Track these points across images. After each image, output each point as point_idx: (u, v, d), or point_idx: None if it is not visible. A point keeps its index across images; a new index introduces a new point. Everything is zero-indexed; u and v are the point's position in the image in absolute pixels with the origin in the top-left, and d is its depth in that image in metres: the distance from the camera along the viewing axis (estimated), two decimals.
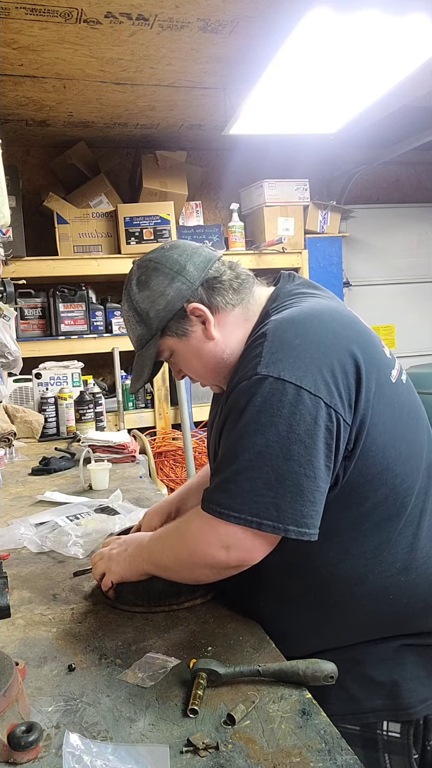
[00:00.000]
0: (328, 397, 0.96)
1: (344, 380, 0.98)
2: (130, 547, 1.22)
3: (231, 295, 1.15)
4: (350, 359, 1.00)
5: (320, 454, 0.96)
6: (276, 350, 0.99)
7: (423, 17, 2.12)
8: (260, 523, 0.96)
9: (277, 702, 0.89)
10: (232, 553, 1.00)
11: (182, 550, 1.09)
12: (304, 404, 0.95)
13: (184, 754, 0.80)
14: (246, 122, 3.10)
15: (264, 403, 0.96)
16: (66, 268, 3.92)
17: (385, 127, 4.05)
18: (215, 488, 1.01)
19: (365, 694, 1.07)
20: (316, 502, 0.96)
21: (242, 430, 0.98)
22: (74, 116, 3.74)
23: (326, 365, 0.98)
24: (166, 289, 1.13)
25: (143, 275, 1.16)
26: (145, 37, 2.76)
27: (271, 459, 0.95)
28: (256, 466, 0.96)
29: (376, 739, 1.07)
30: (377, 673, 1.07)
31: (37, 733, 0.79)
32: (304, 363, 0.97)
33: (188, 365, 1.22)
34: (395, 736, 1.07)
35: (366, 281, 4.96)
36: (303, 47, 2.31)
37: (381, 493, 1.03)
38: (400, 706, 1.06)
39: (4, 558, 1.52)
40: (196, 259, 1.15)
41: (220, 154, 4.64)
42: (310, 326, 1.03)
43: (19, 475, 2.50)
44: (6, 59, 2.92)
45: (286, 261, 4.35)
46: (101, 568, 1.24)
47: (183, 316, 1.14)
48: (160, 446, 4.12)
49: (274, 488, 0.95)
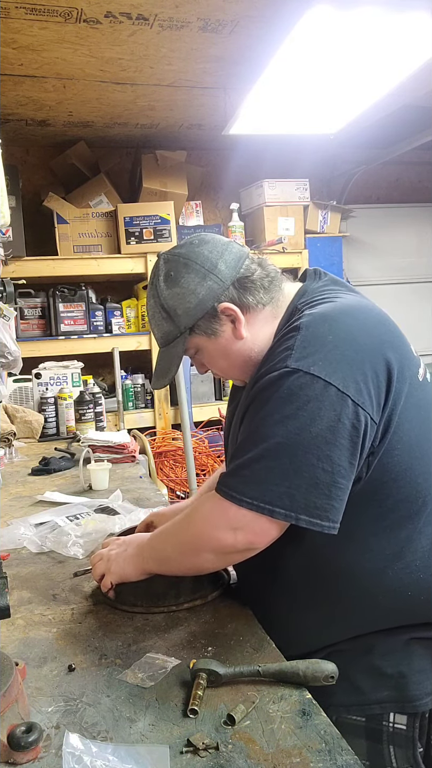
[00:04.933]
0: (356, 395, 0.96)
1: (374, 379, 0.99)
2: (130, 548, 1.22)
3: (262, 294, 1.15)
4: (382, 359, 1.01)
5: (343, 450, 0.96)
6: (308, 345, 1.00)
7: (423, 15, 2.12)
8: (272, 510, 0.96)
9: (277, 702, 0.89)
10: (240, 535, 1.00)
11: (187, 533, 1.09)
12: (330, 400, 0.95)
13: (184, 755, 0.80)
14: (246, 122, 3.10)
15: (290, 395, 0.97)
16: (66, 268, 3.92)
17: (385, 127, 4.04)
18: (231, 473, 1.02)
19: (372, 686, 1.07)
20: (333, 496, 0.96)
21: (265, 418, 0.99)
22: (74, 116, 3.74)
23: (357, 363, 0.99)
24: (197, 287, 1.11)
25: (172, 271, 1.13)
26: (145, 37, 2.76)
27: (290, 450, 0.96)
28: (274, 455, 0.96)
29: (381, 731, 1.07)
30: (385, 665, 1.07)
31: (37, 733, 0.79)
32: (336, 359, 0.98)
33: (214, 363, 1.21)
34: (401, 728, 1.06)
35: (366, 281, 4.96)
36: (303, 47, 2.31)
37: (404, 492, 1.03)
38: (406, 698, 1.06)
39: (4, 558, 1.52)
40: (228, 257, 1.14)
41: (220, 154, 4.64)
42: (344, 323, 1.03)
43: (19, 475, 2.49)
44: (6, 59, 2.91)
45: (286, 261, 4.34)
46: (100, 569, 1.24)
47: (213, 316, 1.13)
48: (160, 446, 4.12)
49: (289, 478, 0.96)
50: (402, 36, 2.27)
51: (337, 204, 4.63)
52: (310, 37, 2.23)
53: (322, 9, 2.03)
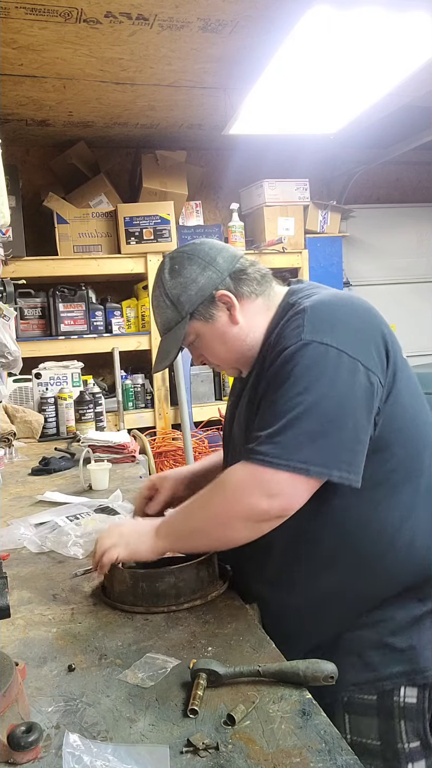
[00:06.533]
0: (365, 360, 1.08)
1: (377, 348, 1.11)
2: (144, 526, 1.24)
3: (255, 285, 1.26)
4: (379, 332, 1.14)
5: (361, 409, 1.07)
6: (317, 321, 1.11)
7: (423, 15, 2.12)
8: (308, 469, 1.03)
9: (277, 702, 0.89)
10: (275, 501, 1.05)
11: (218, 504, 1.12)
12: (345, 365, 1.06)
13: (184, 755, 0.80)
14: (246, 122, 3.10)
15: (310, 364, 1.07)
16: (66, 268, 3.92)
17: (385, 127, 4.04)
18: (263, 441, 1.06)
19: (383, 662, 1.13)
20: (356, 451, 1.06)
21: (290, 388, 1.07)
22: (74, 116, 3.74)
23: (361, 334, 1.12)
24: (198, 276, 1.23)
25: (176, 264, 1.26)
26: (145, 37, 2.76)
27: (317, 413, 1.04)
28: (303, 420, 1.04)
29: (392, 707, 1.12)
30: (396, 640, 1.13)
31: (37, 733, 0.79)
32: (344, 331, 1.10)
33: (211, 349, 1.29)
34: (411, 702, 1.12)
35: (366, 281, 4.96)
36: (303, 46, 2.31)
37: (403, 453, 1.15)
38: (416, 669, 1.12)
39: (4, 558, 1.52)
40: (225, 254, 1.27)
41: (220, 154, 4.64)
42: (343, 305, 1.16)
43: (19, 475, 2.49)
44: (6, 59, 2.91)
45: (286, 261, 4.35)
46: (109, 541, 1.21)
47: (212, 302, 1.24)
48: (160, 446, 4.11)
49: (320, 439, 1.04)
50: (402, 36, 2.27)
51: (337, 204, 4.63)
52: (310, 37, 2.23)
53: (322, 9, 2.03)
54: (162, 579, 1.19)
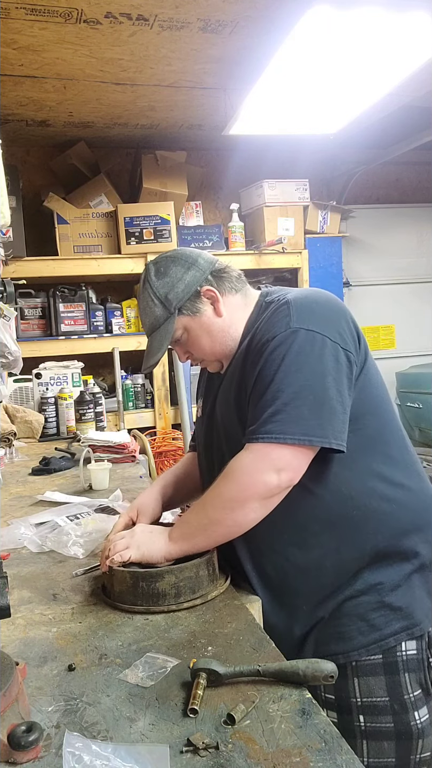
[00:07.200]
0: (342, 342, 1.22)
1: (350, 332, 1.26)
2: (155, 530, 1.30)
3: (234, 282, 1.39)
4: (350, 319, 1.29)
5: (344, 385, 1.20)
6: (301, 311, 1.24)
7: (423, 15, 2.12)
8: (311, 440, 1.15)
9: (277, 702, 0.89)
10: (283, 474, 1.16)
11: (231, 489, 1.19)
12: (329, 348, 1.20)
13: (184, 754, 0.80)
14: (246, 122, 3.10)
15: (301, 348, 1.19)
16: (66, 268, 3.92)
17: (385, 127, 4.05)
18: (264, 422, 1.16)
19: (385, 621, 1.22)
20: (344, 420, 1.19)
21: (284, 371, 1.18)
22: (74, 116, 3.74)
23: (337, 320, 1.25)
24: (184, 275, 1.35)
25: (162, 267, 1.36)
26: (145, 38, 2.77)
27: (311, 390, 1.17)
28: (300, 397, 1.16)
29: (396, 663, 1.21)
30: (394, 599, 1.23)
31: (37, 733, 0.79)
32: (323, 319, 1.24)
33: (198, 342, 1.38)
34: (412, 653, 1.22)
35: (366, 281, 4.96)
36: (303, 47, 2.31)
37: (375, 425, 1.28)
38: (414, 623, 1.23)
39: (4, 558, 1.52)
40: (204, 256, 1.40)
41: (220, 154, 4.64)
42: (318, 299, 1.29)
43: (19, 475, 2.50)
44: (6, 59, 2.92)
45: (286, 261, 4.35)
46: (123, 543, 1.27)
47: (197, 297, 1.35)
48: (160, 446, 4.12)
49: (317, 413, 1.16)
50: (402, 36, 2.27)
51: (336, 204, 4.63)
52: (309, 37, 2.23)
53: (321, 9, 2.03)
54: (162, 579, 1.19)
